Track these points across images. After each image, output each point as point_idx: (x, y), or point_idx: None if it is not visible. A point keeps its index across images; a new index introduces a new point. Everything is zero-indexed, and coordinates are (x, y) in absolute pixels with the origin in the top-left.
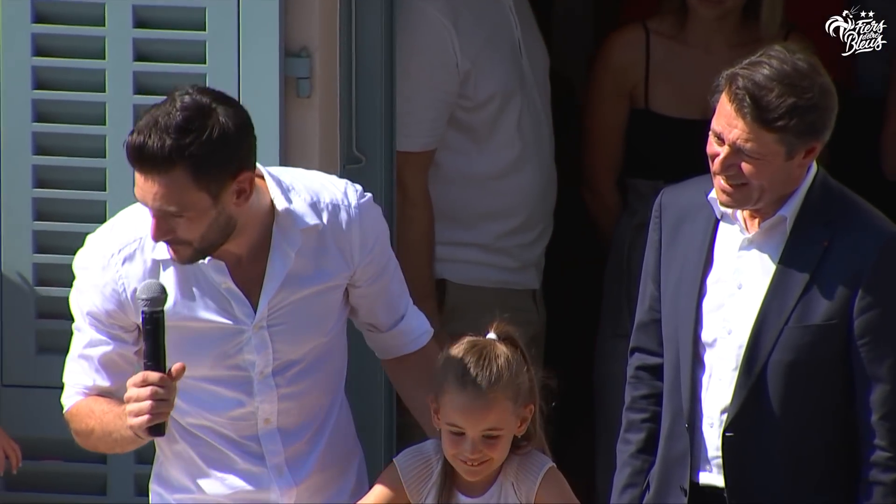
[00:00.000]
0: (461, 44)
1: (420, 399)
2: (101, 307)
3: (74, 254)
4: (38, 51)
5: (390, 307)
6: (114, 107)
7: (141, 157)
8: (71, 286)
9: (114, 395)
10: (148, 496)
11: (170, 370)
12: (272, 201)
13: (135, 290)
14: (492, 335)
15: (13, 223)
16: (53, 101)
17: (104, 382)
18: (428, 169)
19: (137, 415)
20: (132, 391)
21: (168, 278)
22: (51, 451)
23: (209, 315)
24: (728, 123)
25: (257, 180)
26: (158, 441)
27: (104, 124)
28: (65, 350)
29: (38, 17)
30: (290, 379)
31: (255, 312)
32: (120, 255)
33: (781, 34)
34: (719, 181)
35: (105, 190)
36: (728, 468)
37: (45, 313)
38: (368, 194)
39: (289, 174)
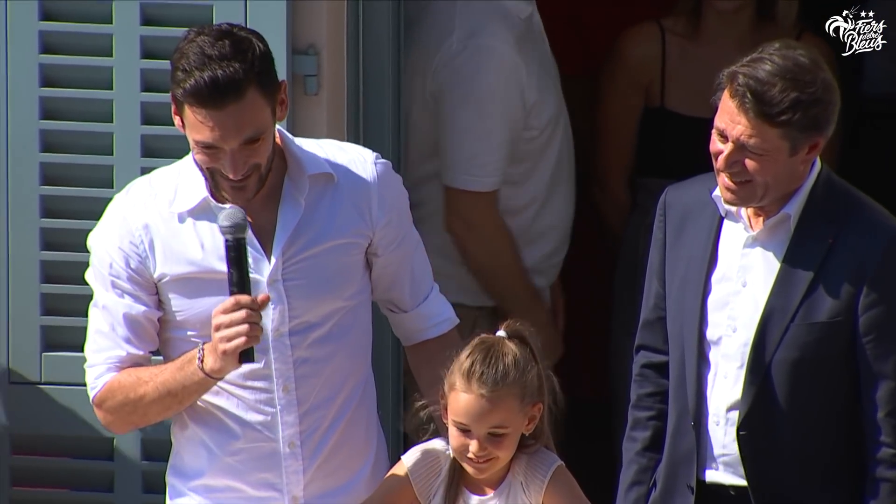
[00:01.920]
0: (529, 77)
1: (436, 389)
2: (124, 267)
3: (82, 250)
4: (46, 48)
5: (413, 283)
6: (121, 104)
7: (218, 89)
8: (77, 282)
9: (144, 366)
10: (154, 493)
11: (256, 298)
12: (284, 155)
13: (152, 243)
14: (501, 333)
15: (20, 220)
16: (61, 99)
17: (138, 350)
18: (497, 202)
19: (232, 339)
20: (223, 318)
21: (186, 230)
22: (58, 448)
23: (224, 266)
24: (731, 120)
25: None
26: (172, 430)
27: (112, 121)
28: (71, 347)
29: (46, 15)
30: (309, 343)
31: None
32: (135, 211)
33: (794, 34)
34: (723, 178)
35: (112, 187)
36: (748, 467)
37: (51, 310)
38: (388, 161)
39: (305, 139)
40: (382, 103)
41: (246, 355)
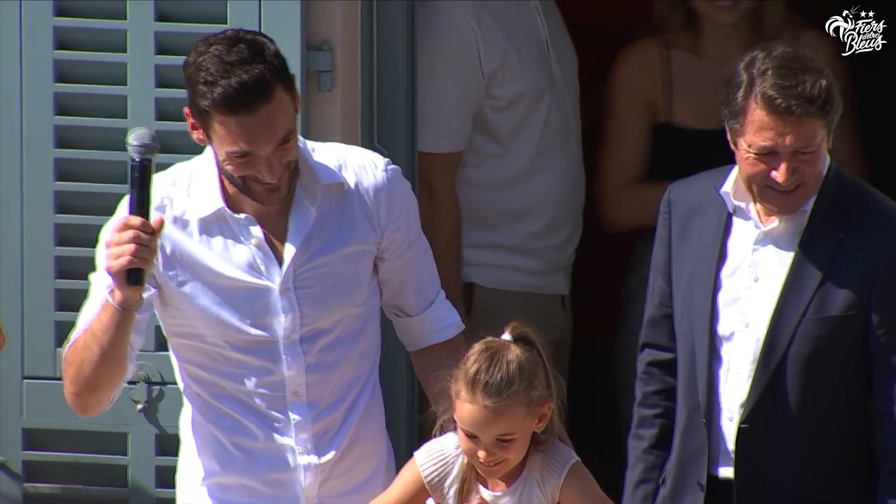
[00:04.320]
0: (487, 45)
1: (442, 394)
2: None
3: (95, 246)
4: (60, 44)
5: (419, 289)
6: (135, 100)
7: (248, 93)
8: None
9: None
10: (169, 488)
11: (148, 221)
12: (297, 161)
13: (161, 247)
14: (507, 336)
15: (35, 216)
16: (75, 95)
17: None
18: (455, 170)
19: (118, 257)
20: (113, 235)
21: (197, 236)
22: (72, 443)
23: (236, 273)
24: (778, 134)
25: None
26: (183, 429)
27: (126, 117)
28: None
29: (60, 11)
30: (319, 349)
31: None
32: None
33: (796, 32)
34: (774, 195)
35: (126, 183)
36: (739, 459)
37: (65, 306)
38: (398, 166)
39: (315, 143)
40: (396, 99)
41: (135, 277)
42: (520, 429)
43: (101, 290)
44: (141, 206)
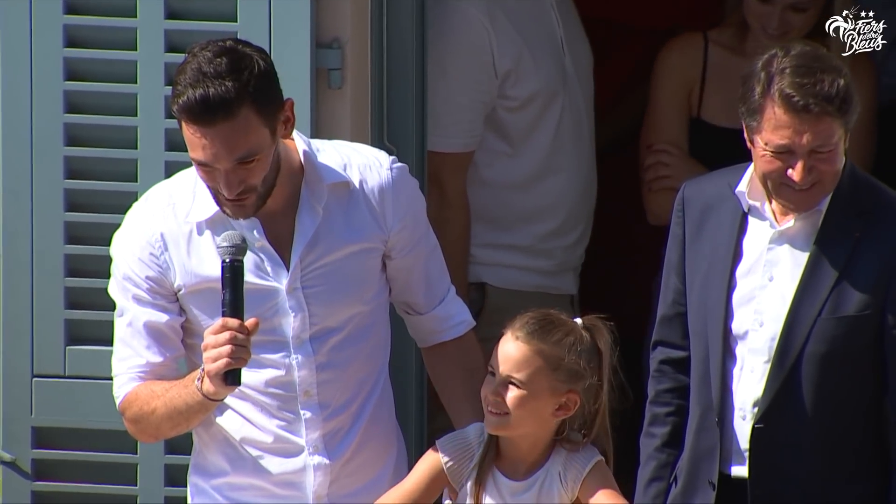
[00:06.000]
0: (500, 44)
1: (451, 390)
2: (143, 276)
3: (106, 244)
4: (70, 42)
5: (429, 286)
6: (146, 98)
7: (207, 107)
8: (101, 276)
9: (167, 375)
10: (177, 486)
11: (244, 322)
12: (301, 161)
13: (170, 254)
14: (578, 319)
15: (45, 214)
16: (85, 93)
17: (157, 357)
18: (466, 170)
19: (216, 359)
20: (210, 338)
21: (204, 241)
22: (81, 441)
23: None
24: (795, 132)
25: (286, 140)
26: (195, 428)
27: (136, 115)
28: (95, 341)
29: (70, 9)
30: (330, 348)
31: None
32: (153, 221)
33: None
34: (789, 193)
35: (136, 181)
36: (754, 459)
37: (75, 304)
38: (404, 164)
39: (321, 141)
40: (406, 97)
41: (233, 377)
42: (535, 384)
43: (125, 319)
44: (235, 306)
